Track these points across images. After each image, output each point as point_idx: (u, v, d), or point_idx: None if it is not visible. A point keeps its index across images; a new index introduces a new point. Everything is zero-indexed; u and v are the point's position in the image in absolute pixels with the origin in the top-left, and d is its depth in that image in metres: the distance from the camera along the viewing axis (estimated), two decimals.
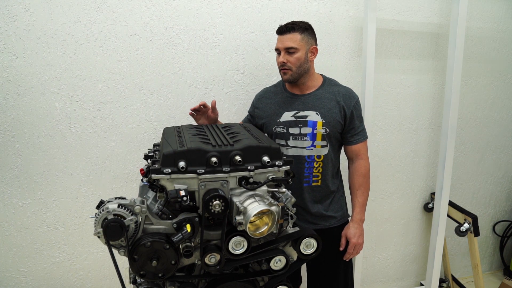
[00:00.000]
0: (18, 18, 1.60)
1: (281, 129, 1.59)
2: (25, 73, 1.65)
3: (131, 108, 1.81)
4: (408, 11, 2.12)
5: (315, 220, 1.63)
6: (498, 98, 2.47)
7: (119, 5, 1.70)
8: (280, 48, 1.53)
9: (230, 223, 1.07)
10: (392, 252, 2.49)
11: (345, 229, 1.64)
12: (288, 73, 1.54)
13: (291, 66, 1.52)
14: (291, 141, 1.59)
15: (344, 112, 1.57)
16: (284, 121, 1.59)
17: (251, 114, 1.75)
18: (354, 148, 1.64)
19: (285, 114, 1.60)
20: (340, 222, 1.67)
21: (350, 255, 1.64)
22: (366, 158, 1.66)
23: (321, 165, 1.59)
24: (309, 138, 1.57)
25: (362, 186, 1.64)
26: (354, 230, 1.61)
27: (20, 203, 1.78)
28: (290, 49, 1.50)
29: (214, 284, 1.15)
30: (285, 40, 1.51)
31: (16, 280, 1.85)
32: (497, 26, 2.33)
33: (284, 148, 1.60)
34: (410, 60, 2.20)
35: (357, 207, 1.63)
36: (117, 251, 1.08)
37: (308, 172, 1.59)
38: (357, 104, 1.61)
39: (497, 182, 2.64)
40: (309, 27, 1.55)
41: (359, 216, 1.63)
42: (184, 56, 1.82)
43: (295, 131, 1.58)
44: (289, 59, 1.52)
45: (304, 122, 1.57)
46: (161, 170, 1.03)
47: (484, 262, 2.79)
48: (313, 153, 1.58)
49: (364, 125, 1.66)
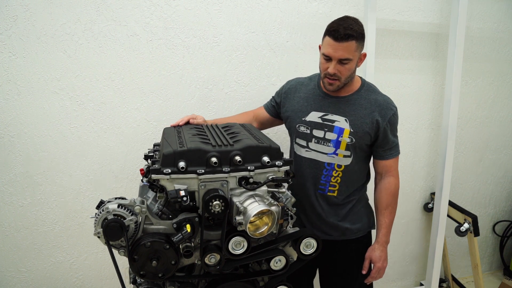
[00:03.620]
0: (18, 18, 1.60)
1: (305, 129, 1.48)
2: (25, 73, 1.65)
3: (131, 108, 1.81)
4: (408, 11, 2.12)
5: (328, 229, 1.52)
6: (498, 98, 2.47)
7: (119, 5, 1.70)
8: (333, 56, 1.33)
9: (230, 223, 1.07)
10: (392, 252, 2.48)
11: (370, 251, 1.53)
12: (335, 84, 1.39)
13: (341, 77, 1.36)
14: (313, 143, 1.47)
15: (377, 124, 1.42)
16: (310, 121, 1.48)
17: (276, 102, 1.64)
18: (385, 163, 1.50)
19: (312, 113, 1.48)
20: (356, 235, 1.54)
21: (373, 279, 1.54)
22: (396, 176, 1.53)
23: (340, 175, 1.47)
24: (332, 144, 1.44)
25: (390, 206, 1.51)
26: (379, 253, 1.50)
27: (20, 203, 1.78)
28: (345, 60, 1.33)
29: (214, 284, 1.15)
30: (341, 49, 1.30)
31: (16, 280, 1.85)
32: (497, 26, 2.32)
33: (303, 149, 1.50)
34: (410, 60, 2.20)
35: (384, 228, 1.51)
36: (117, 251, 1.08)
37: (325, 180, 1.48)
38: (394, 116, 1.45)
39: (497, 182, 2.64)
40: (363, 30, 1.36)
41: (385, 238, 1.51)
42: (184, 56, 1.82)
43: (319, 134, 1.46)
44: (340, 70, 1.35)
45: (331, 127, 1.44)
46: (161, 170, 1.03)
47: (484, 262, 2.80)
48: (334, 161, 1.45)
49: (398, 140, 1.51)
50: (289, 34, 1.94)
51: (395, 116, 1.46)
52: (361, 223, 1.55)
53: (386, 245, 1.53)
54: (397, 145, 1.51)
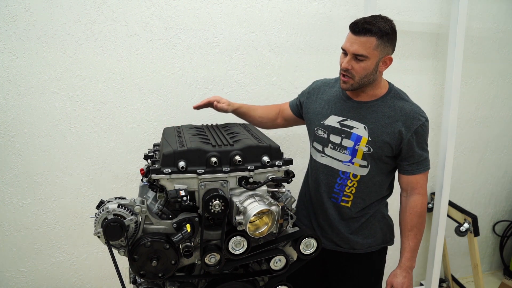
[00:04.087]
0: (18, 18, 1.60)
1: (322, 133, 1.41)
2: (25, 73, 1.65)
3: (131, 108, 1.81)
4: (408, 11, 2.12)
5: (338, 240, 1.44)
6: (498, 98, 2.47)
7: (119, 5, 1.70)
8: (348, 50, 1.26)
9: (230, 223, 1.07)
10: (392, 252, 2.49)
11: (391, 276, 1.41)
12: (349, 82, 1.30)
13: (354, 75, 1.28)
14: (329, 149, 1.39)
15: (401, 135, 1.29)
16: (328, 125, 1.39)
17: (300, 101, 1.56)
18: (410, 179, 1.37)
19: (331, 117, 1.40)
20: (367, 251, 1.44)
21: None
22: (424, 193, 1.38)
23: (355, 186, 1.37)
24: (348, 152, 1.35)
25: (415, 227, 1.38)
26: (402, 280, 1.38)
27: (20, 203, 1.78)
28: (359, 56, 1.24)
29: (214, 284, 1.15)
30: (357, 43, 1.23)
31: (16, 280, 1.85)
32: (497, 26, 2.32)
33: (318, 154, 1.42)
34: (410, 60, 2.20)
35: (408, 252, 1.38)
36: (117, 251, 1.08)
37: (338, 188, 1.39)
38: (422, 127, 1.31)
39: (497, 182, 2.64)
40: (391, 31, 1.25)
41: (409, 263, 1.38)
42: (184, 56, 1.82)
43: (336, 140, 1.37)
44: (354, 66, 1.26)
45: (348, 134, 1.35)
46: (161, 170, 1.03)
47: (484, 262, 2.79)
48: (349, 170, 1.36)
49: (427, 154, 1.37)
50: (289, 34, 1.94)
51: (424, 127, 1.31)
52: (373, 239, 1.45)
53: (411, 270, 1.40)
54: (425, 160, 1.36)
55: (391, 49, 1.29)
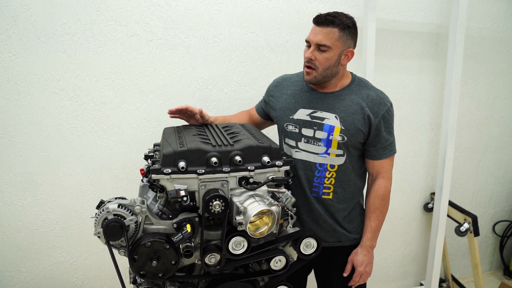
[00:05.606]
0: (18, 18, 1.60)
1: (293, 128, 1.41)
2: (25, 73, 1.65)
3: (131, 108, 1.81)
4: (408, 11, 2.12)
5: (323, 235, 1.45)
6: (498, 98, 2.47)
7: (119, 5, 1.70)
8: (312, 41, 1.31)
9: (230, 223, 1.07)
10: (392, 252, 2.49)
11: (353, 254, 1.46)
12: (312, 74, 1.34)
13: (318, 66, 1.32)
14: (302, 143, 1.40)
15: (369, 120, 1.34)
16: (298, 119, 1.40)
17: (265, 101, 1.58)
18: (376, 164, 1.42)
19: (300, 111, 1.41)
20: (352, 242, 1.48)
21: (356, 283, 1.47)
22: (388, 178, 1.44)
23: (334, 176, 1.39)
24: (323, 144, 1.37)
25: (378, 210, 1.44)
26: (362, 258, 1.43)
27: (20, 203, 1.78)
28: (322, 47, 1.29)
29: (214, 284, 1.15)
30: (320, 34, 1.29)
31: (16, 280, 1.85)
32: (497, 26, 2.32)
33: (293, 150, 1.43)
34: (410, 60, 2.20)
35: (369, 232, 1.44)
36: (117, 251, 1.08)
37: (318, 182, 1.40)
38: (388, 112, 1.36)
39: (497, 182, 2.64)
40: (352, 25, 1.32)
41: (370, 242, 1.44)
42: (184, 56, 1.82)
43: (308, 133, 1.39)
44: (317, 57, 1.31)
45: (320, 125, 1.37)
46: (161, 170, 1.03)
47: (484, 262, 2.79)
48: (326, 162, 1.38)
49: (393, 138, 1.42)
50: (289, 34, 1.94)
51: (389, 112, 1.37)
52: (357, 230, 1.49)
53: (371, 249, 1.46)
54: (391, 144, 1.41)
55: (353, 43, 1.35)
